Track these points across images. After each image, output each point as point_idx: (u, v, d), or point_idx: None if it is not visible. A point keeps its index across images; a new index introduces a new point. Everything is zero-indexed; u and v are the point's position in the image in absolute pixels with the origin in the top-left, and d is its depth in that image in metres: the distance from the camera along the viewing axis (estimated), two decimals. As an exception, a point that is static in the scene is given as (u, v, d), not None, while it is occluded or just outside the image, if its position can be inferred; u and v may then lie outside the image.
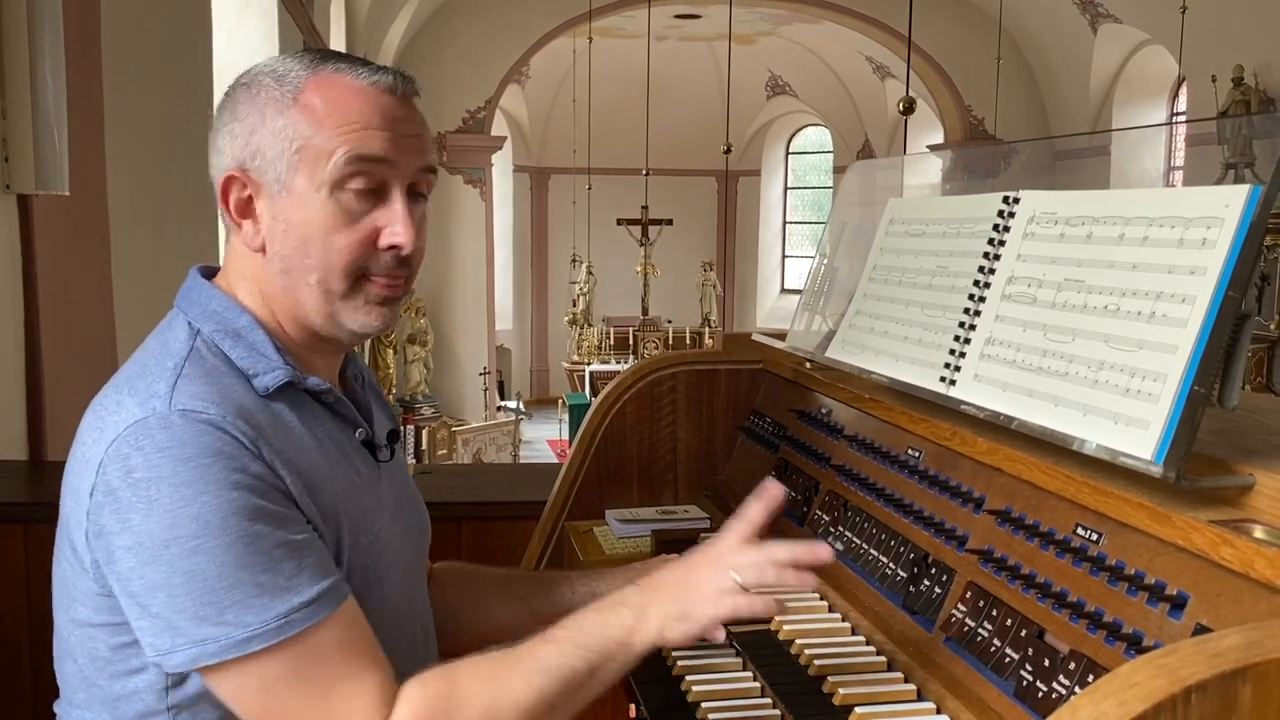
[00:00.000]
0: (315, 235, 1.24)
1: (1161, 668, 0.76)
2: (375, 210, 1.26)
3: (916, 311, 1.66)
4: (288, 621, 1.12)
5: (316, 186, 1.23)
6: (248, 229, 1.26)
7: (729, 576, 1.29)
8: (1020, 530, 1.33)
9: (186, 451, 1.12)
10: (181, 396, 1.15)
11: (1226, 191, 1.14)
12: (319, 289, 1.26)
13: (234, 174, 1.25)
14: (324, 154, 1.22)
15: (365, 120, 1.23)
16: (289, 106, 1.23)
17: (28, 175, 2.75)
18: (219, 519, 1.11)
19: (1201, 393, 1.12)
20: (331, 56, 1.28)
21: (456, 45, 13.12)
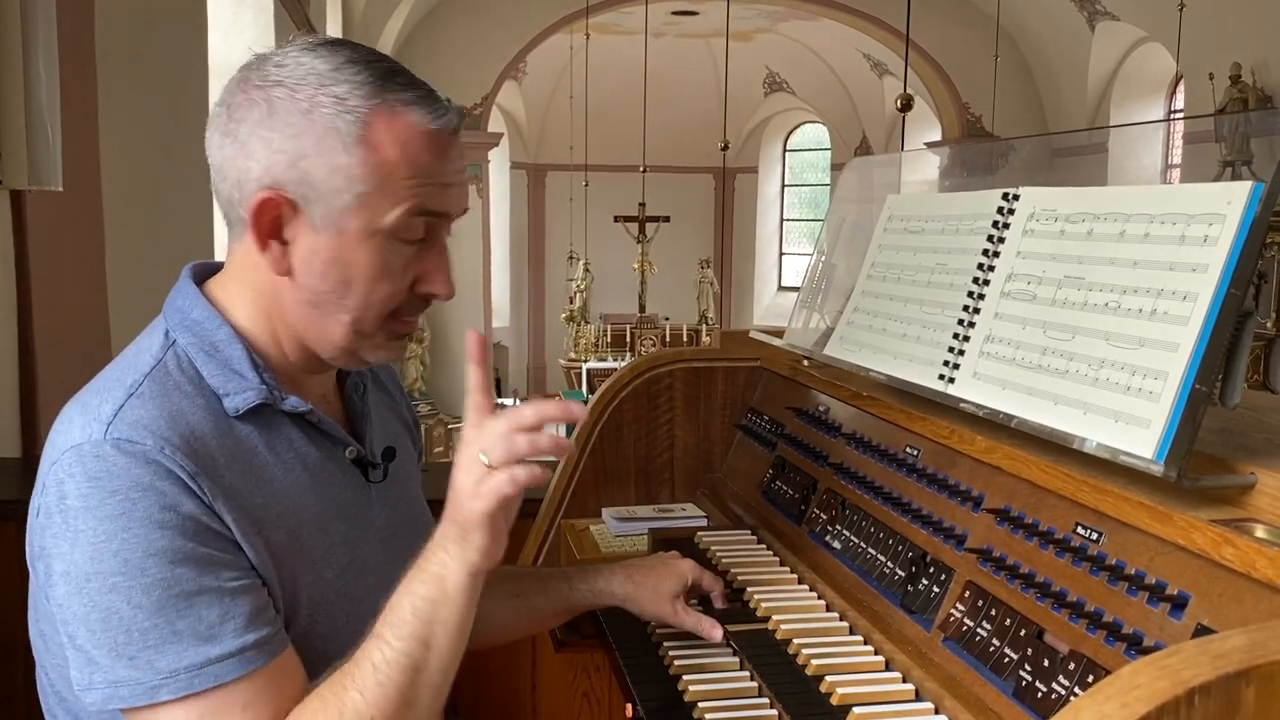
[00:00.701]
0: (359, 280, 1.19)
1: (1164, 669, 0.76)
2: (418, 256, 1.21)
3: (915, 309, 1.65)
4: (201, 673, 1.08)
5: (371, 233, 1.17)
6: (274, 251, 1.18)
7: (479, 463, 1.14)
8: (1019, 529, 1.33)
9: (114, 484, 1.08)
10: (122, 424, 1.10)
11: (1229, 188, 1.13)
12: (350, 328, 1.22)
13: (271, 196, 1.16)
14: (388, 204, 1.16)
15: (432, 173, 1.18)
16: (355, 145, 1.14)
17: (21, 171, 2.73)
18: (138, 559, 1.06)
19: (1203, 391, 1.11)
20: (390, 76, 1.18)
21: (453, 41, 13.10)
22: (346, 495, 1.29)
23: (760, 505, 2.00)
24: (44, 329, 2.97)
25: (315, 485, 1.24)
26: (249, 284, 1.24)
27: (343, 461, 1.30)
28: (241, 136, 1.17)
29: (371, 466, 1.33)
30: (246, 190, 1.17)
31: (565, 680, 2.47)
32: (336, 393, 1.37)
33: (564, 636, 1.90)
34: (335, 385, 1.37)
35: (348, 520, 1.28)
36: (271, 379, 1.22)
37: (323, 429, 1.27)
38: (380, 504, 1.35)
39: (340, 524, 1.27)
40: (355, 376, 1.38)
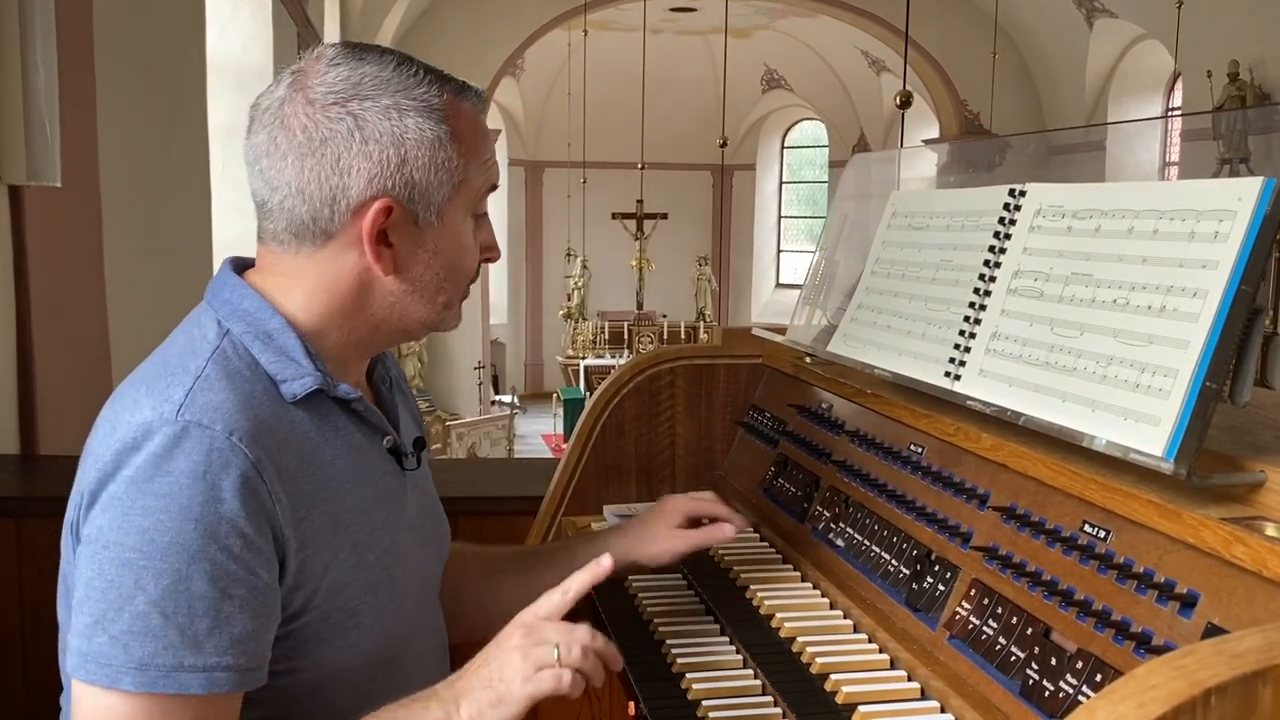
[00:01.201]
0: (459, 261, 1.30)
1: (1180, 669, 0.75)
2: (479, 226, 1.33)
3: (920, 305, 1.64)
4: (169, 676, 1.08)
5: (464, 216, 1.29)
6: (385, 257, 1.24)
7: (549, 649, 1.19)
8: (1026, 527, 1.32)
9: (171, 465, 1.09)
10: (194, 406, 1.12)
11: (1239, 184, 1.12)
12: (442, 306, 1.31)
13: (388, 202, 1.21)
14: (475, 187, 1.28)
15: (491, 154, 1.32)
16: (448, 139, 1.24)
17: (19, 167, 2.72)
18: (163, 544, 1.08)
19: (1213, 388, 1.10)
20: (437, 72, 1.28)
21: (450, 38, 13.08)
22: (385, 482, 1.32)
23: (762, 503, 2.00)
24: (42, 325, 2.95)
25: (359, 471, 1.28)
26: (319, 285, 1.26)
27: (381, 450, 1.33)
28: (330, 155, 1.20)
29: (405, 455, 1.37)
30: (344, 205, 1.21)
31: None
32: (367, 386, 1.40)
33: (565, 634, 1.89)
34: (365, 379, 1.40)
35: (386, 505, 1.31)
36: (323, 366, 1.25)
37: (366, 417, 1.31)
38: (412, 492, 1.38)
39: (380, 509, 1.30)
40: (382, 370, 1.42)
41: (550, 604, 1.23)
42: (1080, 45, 12.59)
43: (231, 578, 1.11)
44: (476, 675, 1.19)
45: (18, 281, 2.93)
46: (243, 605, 1.12)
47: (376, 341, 1.33)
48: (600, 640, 1.22)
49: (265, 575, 1.14)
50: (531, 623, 1.21)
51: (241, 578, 1.12)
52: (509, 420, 13.55)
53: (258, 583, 1.13)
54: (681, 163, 17.67)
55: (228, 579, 1.10)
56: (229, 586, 1.11)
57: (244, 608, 1.12)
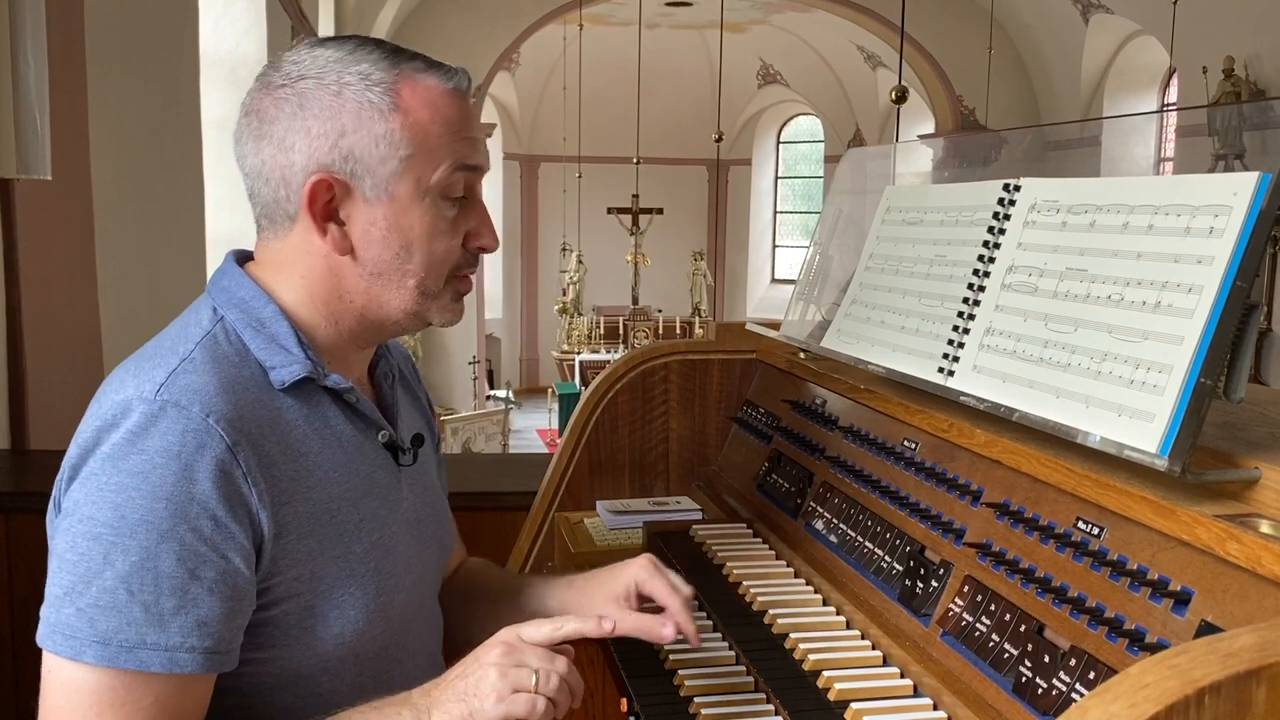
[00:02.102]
0: (418, 241, 1.25)
1: (1173, 668, 0.74)
2: (464, 214, 1.29)
3: (914, 301, 1.64)
4: (131, 653, 1.09)
5: (421, 194, 1.24)
6: (334, 234, 1.24)
7: (528, 674, 1.15)
8: (1019, 524, 1.31)
9: (146, 443, 1.10)
10: (174, 386, 1.13)
11: (1235, 179, 1.11)
12: (416, 291, 1.28)
13: (323, 177, 1.21)
14: (432, 162, 1.24)
15: (467, 130, 1.27)
16: (391, 111, 1.21)
17: (9, 160, 2.70)
18: (134, 521, 1.08)
19: (1208, 385, 1.09)
20: (399, 51, 1.26)
21: (445, 31, 13.04)
22: (378, 475, 1.31)
23: (755, 498, 1.99)
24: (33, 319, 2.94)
25: (349, 462, 1.27)
26: (297, 270, 1.27)
27: (375, 444, 1.32)
28: (278, 135, 1.22)
29: (401, 451, 1.36)
30: (294, 184, 1.22)
31: (559, 674, 2.46)
32: (368, 381, 1.40)
33: (558, 630, 1.89)
34: (367, 374, 1.40)
35: (377, 499, 1.30)
36: (315, 356, 1.26)
37: (359, 409, 1.30)
38: (408, 488, 1.38)
39: (370, 502, 1.29)
40: (385, 366, 1.42)
41: (539, 633, 1.20)
42: (1076, 41, 12.59)
43: (200, 559, 1.11)
44: (451, 686, 1.17)
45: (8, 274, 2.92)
46: (211, 588, 1.12)
47: (368, 333, 1.32)
48: (575, 675, 1.20)
49: (237, 560, 1.13)
50: (514, 643, 1.18)
51: (211, 560, 1.12)
52: (504, 415, 13.53)
53: (228, 566, 1.13)
54: (677, 158, 17.65)
55: (196, 560, 1.11)
56: (197, 568, 1.11)
57: (212, 590, 1.12)
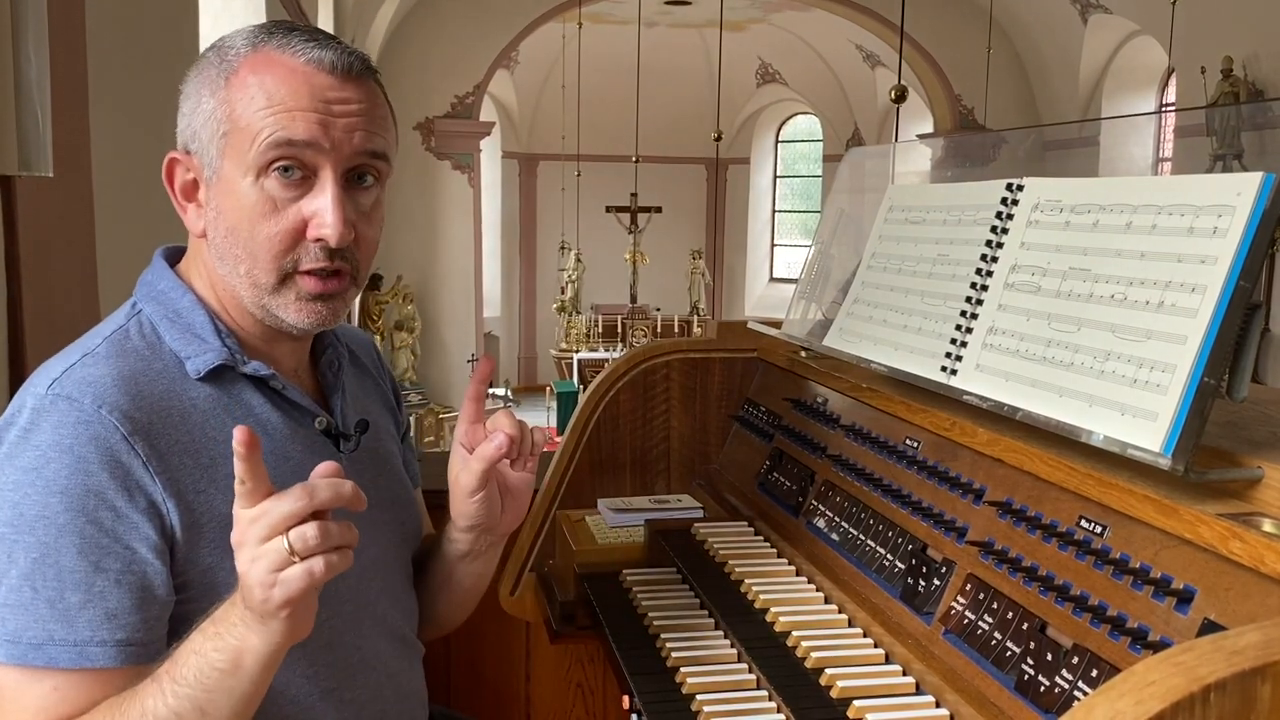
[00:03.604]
0: (241, 224, 1.19)
1: (1179, 666, 0.75)
2: (304, 199, 1.19)
3: (916, 300, 1.64)
4: (39, 650, 1.08)
5: (243, 172, 1.18)
6: (191, 213, 1.24)
7: (277, 547, 1.01)
8: (1022, 522, 1.32)
9: (39, 439, 1.09)
10: (67, 380, 1.13)
11: (1239, 179, 1.12)
12: (247, 280, 1.21)
13: (176, 156, 1.22)
14: (248, 138, 1.17)
15: (292, 102, 1.17)
16: (221, 87, 1.18)
17: (10, 156, 2.70)
18: (31, 518, 1.08)
19: (1211, 384, 1.10)
20: (280, 31, 1.21)
21: (445, 29, 13.03)
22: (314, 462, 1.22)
23: (757, 497, 1.99)
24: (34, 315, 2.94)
25: (276, 449, 1.24)
26: (196, 257, 1.28)
27: (311, 431, 1.30)
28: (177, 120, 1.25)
29: (343, 438, 1.33)
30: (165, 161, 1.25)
31: (559, 671, 2.46)
32: (310, 368, 1.38)
33: (559, 627, 1.89)
34: (310, 362, 1.39)
35: None
36: (234, 344, 1.24)
37: (287, 395, 1.28)
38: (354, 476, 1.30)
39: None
40: (330, 353, 1.40)
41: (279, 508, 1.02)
42: (1075, 41, 12.59)
43: (103, 551, 1.09)
44: (225, 619, 1.06)
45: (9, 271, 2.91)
46: (118, 579, 1.10)
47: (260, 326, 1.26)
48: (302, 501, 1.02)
49: (143, 549, 1.11)
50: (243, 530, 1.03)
51: (115, 551, 1.10)
52: (502, 413, 13.50)
53: (133, 557, 1.11)
54: (676, 156, 17.63)
55: (99, 552, 1.09)
56: (101, 560, 1.09)
57: (119, 582, 1.10)
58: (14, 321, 2.90)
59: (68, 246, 3.27)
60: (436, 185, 13.24)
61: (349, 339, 1.48)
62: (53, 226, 3.13)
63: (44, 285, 3.02)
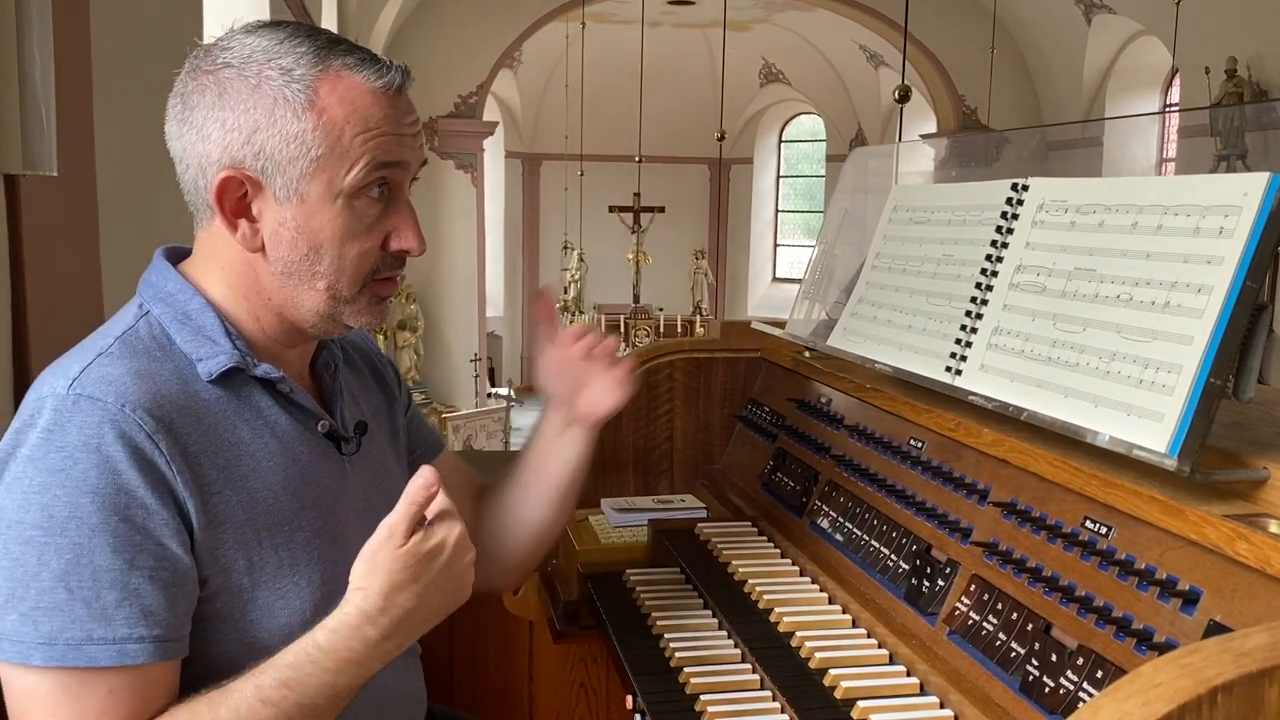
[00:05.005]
0: (328, 244, 1.21)
1: (1186, 667, 0.74)
2: (385, 214, 1.23)
3: (921, 300, 1.64)
4: (79, 650, 1.08)
5: (334, 195, 1.19)
6: (244, 230, 1.21)
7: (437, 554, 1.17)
8: (1026, 523, 1.32)
9: (64, 439, 1.09)
10: (88, 379, 1.12)
11: (1246, 179, 1.12)
12: (327, 294, 1.23)
13: (232, 175, 1.18)
14: (345, 163, 1.18)
15: (386, 126, 1.20)
16: (305, 110, 1.17)
17: (15, 156, 2.70)
18: (62, 519, 1.08)
19: (1217, 385, 1.10)
20: (332, 45, 1.21)
21: (448, 29, 13.03)
22: (321, 464, 1.29)
23: (760, 497, 1.99)
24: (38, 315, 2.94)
25: (284, 451, 1.25)
26: (221, 263, 1.26)
27: (315, 434, 1.30)
28: (197, 122, 1.19)
29: (344, 440, 1.34)
30: (209, 175, 1.20)
31: (562, 670, 2.46)
32: (309, 372, 1.38)
33: (563, 627, 1.89)
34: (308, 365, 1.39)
35: (319, 488, 1.28)
36: (244, 346, 1.24)
37: (294, 399, 1.28)
38: (356, 476, 1.35)
39: (312, 490, 1.27)
40: (326, 355, 1.40)
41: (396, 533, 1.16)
42: (1078, 41, 12.57)
43: (136, 548, 1.10)
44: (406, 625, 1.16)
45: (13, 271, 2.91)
46: (151, 576, 1.11)
47: (289, 333, 1.28)
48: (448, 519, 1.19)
49: (173, 545, 1.12)
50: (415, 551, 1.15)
51: (147, 548, 1.11)
52: (505, 413, 13.53)
53: (165, 552, 1.12)
54: (679, 156, 17.62)
55: (132, 550, 1.10)
56: (134, 557, 1.10)
57: (153, 579, 1.11)
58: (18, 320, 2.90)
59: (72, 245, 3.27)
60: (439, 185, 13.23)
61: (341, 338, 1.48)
62: (57, 225, 3.13)
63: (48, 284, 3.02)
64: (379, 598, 1.14)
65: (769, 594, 1.61)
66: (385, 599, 1.14)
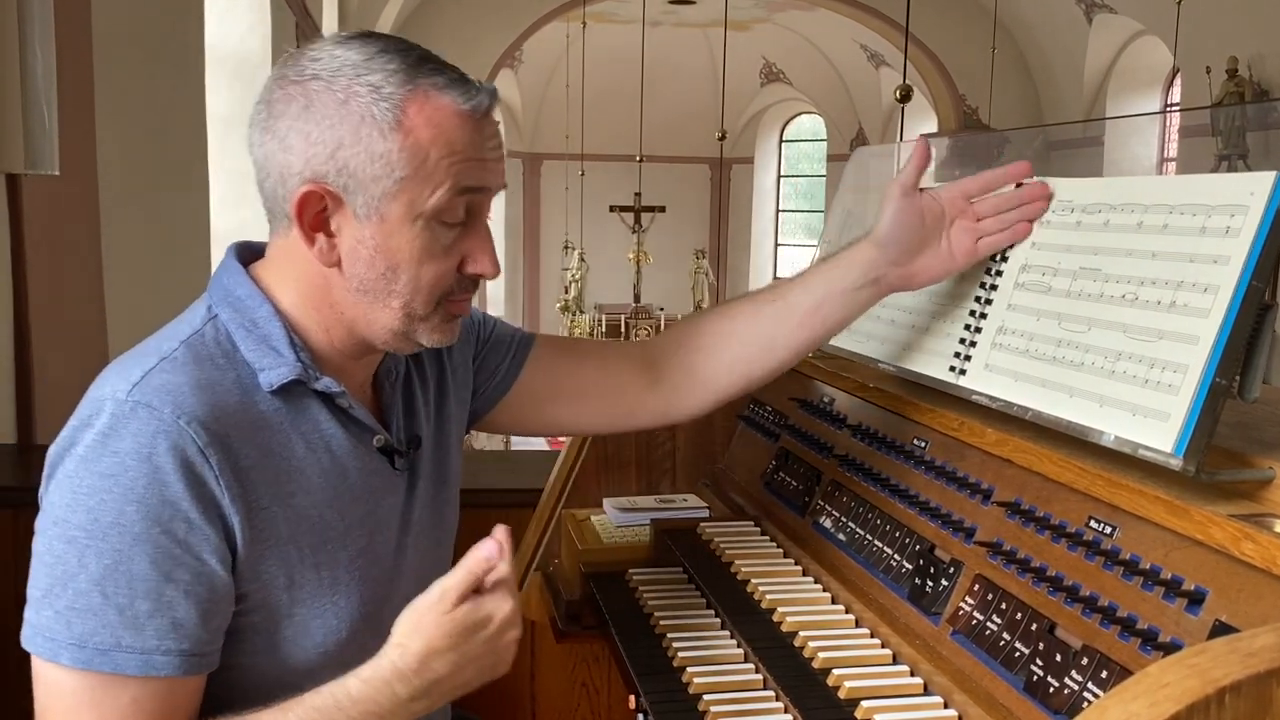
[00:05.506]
0: (406, 264, 1.20)
1: (1193, 668, 0.74)
2: (463, 236, 1.23)
3: (925, 299, 1.63)
4: (106, 655, 1.08)
5: (414, 216, 1.18)
6: (321, 244, 1.20)
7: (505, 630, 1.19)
8: (1031, 522, 1.31)
9: (118, 444, 1.09)
10: (147, 386, 1.12)
11: (1252, 178, 1.11)
12: (402, 312, 1.23)
13: (314, 189, 1.16)
14: (428, 186, 1.17)
15: (472, 151, 1.19)
16: (392, 130, 1.15)
17: (17, 155, 2.70)
18: (106, 523, 1.08)
19: (1223, 384, 1.09)
20: (421, 63, 1.19)
21: (449, 29, 13.04)
22: (373, 481, 1.29)
23: (763, 496, 1.99)
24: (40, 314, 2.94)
25: (336, 467, 1.25)
26: (294, 273, 1.25)
27: (369, 448, 1.30)
28: (280, 132, 1.18)
29: (398, 455, 1.33)
30: (289, 185, 1.18)
31: (564, 670, 2.46)
32: (370, 382, 1.37)
33: (565, 627, 1.89)
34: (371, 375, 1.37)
35: (368, 504, 1.28)
36: (308, 358, 1.23)
37: (352, 414, 1.28)
38: (409, 491, 1.36)
39: (359, 507, 1.27)
40: (388, 363, 1.38)
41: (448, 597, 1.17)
42: (1079, 41, 12.59)
43: (175, 562, 1.10)
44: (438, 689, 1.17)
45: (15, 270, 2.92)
46: (186, 591, 1.11)
47: (358, 347, 1.28)
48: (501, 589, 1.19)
49: (212, 561, 1.12)
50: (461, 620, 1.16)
51: (186, 562, 1.11)
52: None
53: (203, 568, 1.12)
54: (680, 156, 17.64)
55: (171, 563, 1.10)
56: (172, 570, 1.10)
57: (188, 593, 1.11)
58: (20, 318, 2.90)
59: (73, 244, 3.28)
60: (440, 184, 13.25)
61: None
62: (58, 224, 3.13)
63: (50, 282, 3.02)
64: (415, 659, 1.14)
65: (772, 594, 1.61)
66: (421, 661, 1.14)
